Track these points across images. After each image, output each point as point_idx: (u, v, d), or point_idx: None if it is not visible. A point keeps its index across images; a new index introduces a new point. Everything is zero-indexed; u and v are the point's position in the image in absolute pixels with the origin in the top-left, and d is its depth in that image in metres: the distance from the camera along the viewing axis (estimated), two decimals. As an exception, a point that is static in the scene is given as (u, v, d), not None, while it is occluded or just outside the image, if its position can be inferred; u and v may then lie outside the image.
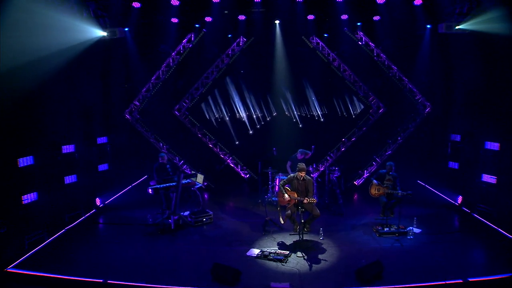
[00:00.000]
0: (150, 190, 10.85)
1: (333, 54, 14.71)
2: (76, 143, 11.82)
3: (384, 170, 10.98)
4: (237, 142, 15.78)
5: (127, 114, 14.56)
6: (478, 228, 10.67)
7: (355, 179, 14.76)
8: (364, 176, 14.79)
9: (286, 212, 9.71)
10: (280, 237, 10.00)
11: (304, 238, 9.43)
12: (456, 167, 13.11)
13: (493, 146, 11.29)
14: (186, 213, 11.40)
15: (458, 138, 13.03)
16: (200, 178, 11.56)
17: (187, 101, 15.12)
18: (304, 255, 8.87)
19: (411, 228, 10.07)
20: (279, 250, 9.10)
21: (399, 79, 14.46)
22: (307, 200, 9.31)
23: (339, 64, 14.77)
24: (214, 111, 15.69)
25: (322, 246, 9.45)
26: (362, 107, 15.31)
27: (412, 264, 8.50)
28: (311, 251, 9.15)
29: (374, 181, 10.88)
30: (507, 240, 9.74)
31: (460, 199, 12.27)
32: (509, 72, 10.70)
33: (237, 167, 15.67)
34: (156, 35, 14.27)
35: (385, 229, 10.12)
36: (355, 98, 15.32)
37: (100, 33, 12.17)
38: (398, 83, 14.49)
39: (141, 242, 9.80)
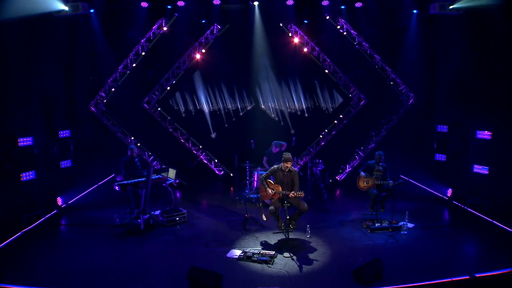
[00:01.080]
0: (116, 186, 9.61)
1: (312, 43, 13.77)
2: (35, 136, 10.42)
3: (372, 161, 10.08)
4: (212, 135, 14.53)
5: (92, 106, 13.18)
6: (471, 221, 9.96)
7: (337, 174, 13.85)
8: (347, 170, 13.89)
9: (269, 208, 8.64)
10: (263, 236, 8.91)
11: (289, 237, 8.38)
12: (443, 159, 12.36)
13: (485, 135, 10.59)
14: (157, 212, 10.19)
15: (445, 129, 12.29)
16: (172, 173, 10.37)
17: (157, 93, 13.86)
18: (292, 255, 7.80)
19: (404, 222, 9.18)
20: (263, 251, 8.00)
21: (382, 69, 13.65)
22: (293, 194, 8.26)
23: (318, 54, 13.86)
24: (187, 104, 14.44)
25: (311, 244, 8.42)
26: (343, 99, 14.41)
27: (412, 261, 7.61)
28: (299, 250, 8.10)
29: (362, 173, 9.97)
30: (504, 232, 9.02)
31: (450, 192, 11.52)
32: (500, 53, 10.03)
33: (211, 164, 14.48)
34: (124, 20, 12.95)
35: (376, 225, 9.20)
36: (335, 90, 14.39)
37: (61, 6, 10.79)
38: (381, 73, 13.67)
39: (107, 245, 8.53)
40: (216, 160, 14.45)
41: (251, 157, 11.93)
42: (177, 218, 9.87)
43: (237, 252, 7.98)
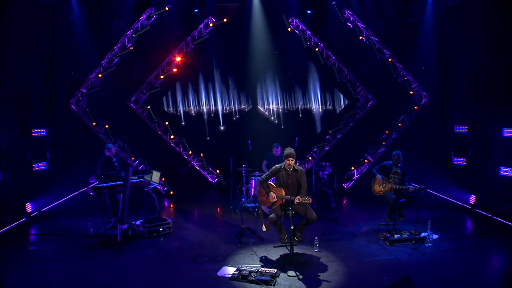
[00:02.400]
0: (90, 190, 8.00)
1: (315, 38, 12.28)
2: (2, 133, 8.93)
3: (389, 162, 8.52)
4: (208, 138, 12.94)
5: (73, 104, 11.56)
6: (499, 230, 8.44)
7: (343, 181, 12.25)
8: (354, 177, 12.30)
9: (270, 216, 7.02)
10: (262, 251, 7.27)
11: (294, 251, 6.76)
12: (462, 163, 10.81)
13: (513, 133, 9.09)
14: (139, 222, 8.54)
15: (463, 129, 10.76)
16: (156, 176, 8.77)
17: (145, 91, 12.27)
18: (298, 274, 6.16)
19: (428, 233, 7.57)
20: (262, 268, 6.35)
21: (392, 65, 12.13)
22: (299, 199, 6.65)
23: (322, 50, 12.36)
24: (178, 105, 12.86)
25: (320, 260, 6.78)
26: (349, 99, 12.86)
27: (446, 279, 6.10)
28: (307, 268, 6.47)
29: (378, 175, 8.40)
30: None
31: (472, 199, 9.94)
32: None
33: (204, 171, 12.83)
34: (109, 8, 11.38)
35: (396, 236, 7.59)
36: (341, 90, 12.86)
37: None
38: (391, 70, 12.12)
39: (76, 259, 6.95)
40: (209, 167, 12.81)
41: (248, 161, 10.37)
42: (161, 229, 8.24)
43: (230, 270, 6.34)
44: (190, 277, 6.16)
